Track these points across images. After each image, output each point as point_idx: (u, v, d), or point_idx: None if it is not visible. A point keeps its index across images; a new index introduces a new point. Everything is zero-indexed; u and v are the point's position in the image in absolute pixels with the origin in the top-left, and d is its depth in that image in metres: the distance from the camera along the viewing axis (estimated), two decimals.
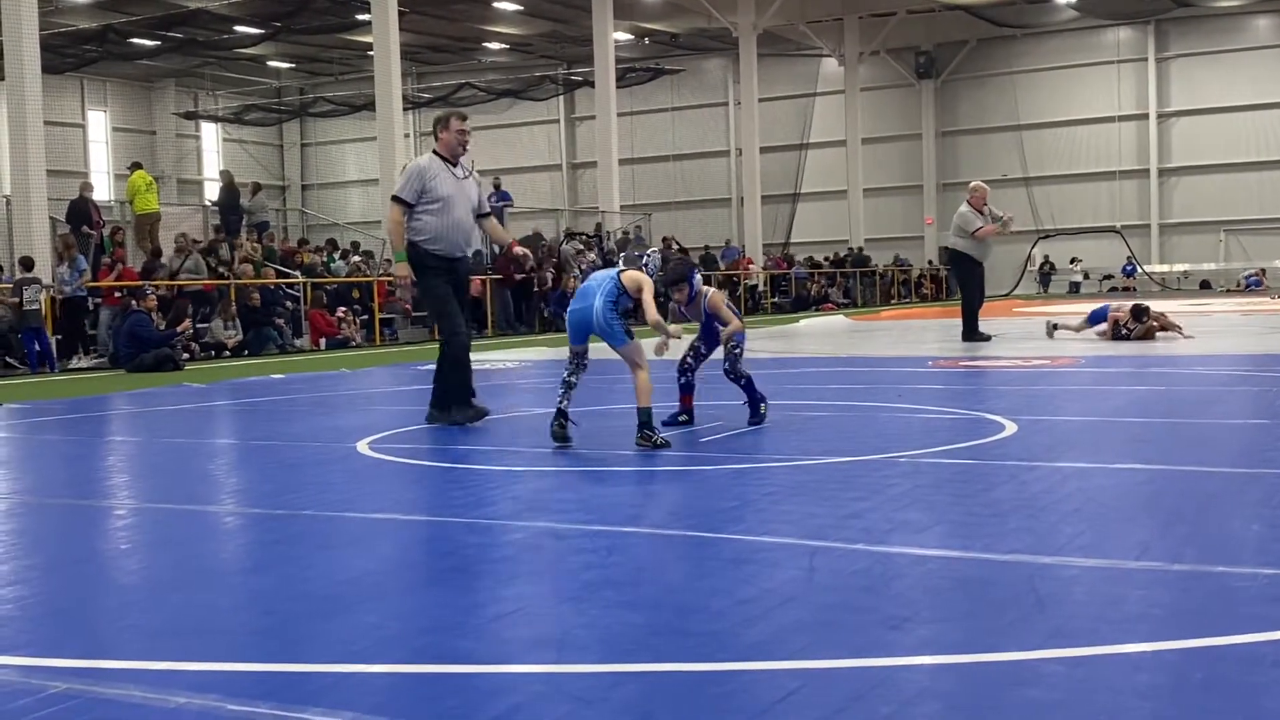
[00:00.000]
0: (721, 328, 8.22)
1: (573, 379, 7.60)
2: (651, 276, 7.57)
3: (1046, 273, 44.57)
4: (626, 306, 7.42)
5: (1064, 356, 13.42)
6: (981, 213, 16.00)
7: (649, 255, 7.94)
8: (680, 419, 8.25)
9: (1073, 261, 43.80)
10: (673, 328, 7.51)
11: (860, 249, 41.32)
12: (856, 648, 3.32)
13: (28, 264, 18.13)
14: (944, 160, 45.74)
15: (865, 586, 3.94)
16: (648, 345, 7.57)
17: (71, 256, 18.51)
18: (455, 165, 8.83)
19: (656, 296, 7.50)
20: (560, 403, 7.47)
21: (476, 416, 8.78)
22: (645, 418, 7.16)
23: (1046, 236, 43.98)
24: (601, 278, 7.56)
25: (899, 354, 15.33)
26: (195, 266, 21.18)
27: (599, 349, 7.64)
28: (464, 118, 9.04)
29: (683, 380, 8.36)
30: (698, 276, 8.22)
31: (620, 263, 8.17)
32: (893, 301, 39.50)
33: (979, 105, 45.23)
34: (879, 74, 45.26)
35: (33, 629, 3.86)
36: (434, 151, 8.89)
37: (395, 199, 8.70)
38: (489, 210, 9.27)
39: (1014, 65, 44.39)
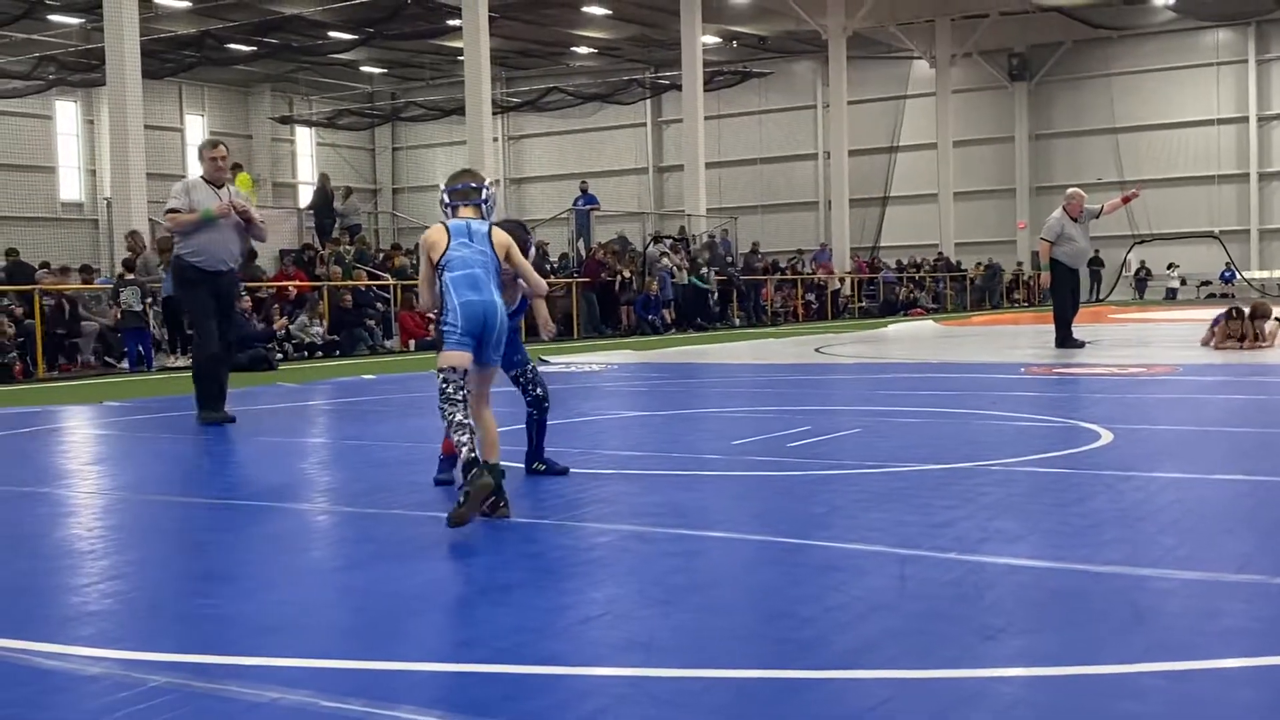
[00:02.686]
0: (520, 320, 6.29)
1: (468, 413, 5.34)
2: (488, 217, 5.67)
3: (1142, 278, 43.71)
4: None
5: (1160, 364, 13.14)
6: (1076, 220, 15.74)
7: (489, 186, 5.72)
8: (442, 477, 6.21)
9: (1169, 267, 42.91)
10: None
11: (943, 256, 40.84)
12: (949, 658, 3.27)
13: (129, 265, 18.56)
14: (1037, 164, 45.03)
15: (957, 596, 3.88)
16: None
17: (169, 259, 18.87)
18: (219, 188, 9.60)
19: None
20: (467, 448, 5.20)
21: (221, 420, 9.47)
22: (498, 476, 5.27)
23: (1143, 241, 43.11)
24: (473, 250, 5.37)
25: (990, 360, 15.12)
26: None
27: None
28: (215, 145, 9.73)
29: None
30: (532, 248, 6.21)
31: (450, 205, 5.57)
32: (984, 307, 38.99)
33: (1074, 108, 44.46)
34: (971, 76, 44.70)
35: (132, 624, 3.94)
36: (201, 175, 9.76)
37: (168, 211, 9.57)
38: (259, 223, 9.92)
39: (1110, 67, 43.59)
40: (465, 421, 5.27)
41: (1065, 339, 15.90)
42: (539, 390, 6.34)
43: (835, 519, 5.23)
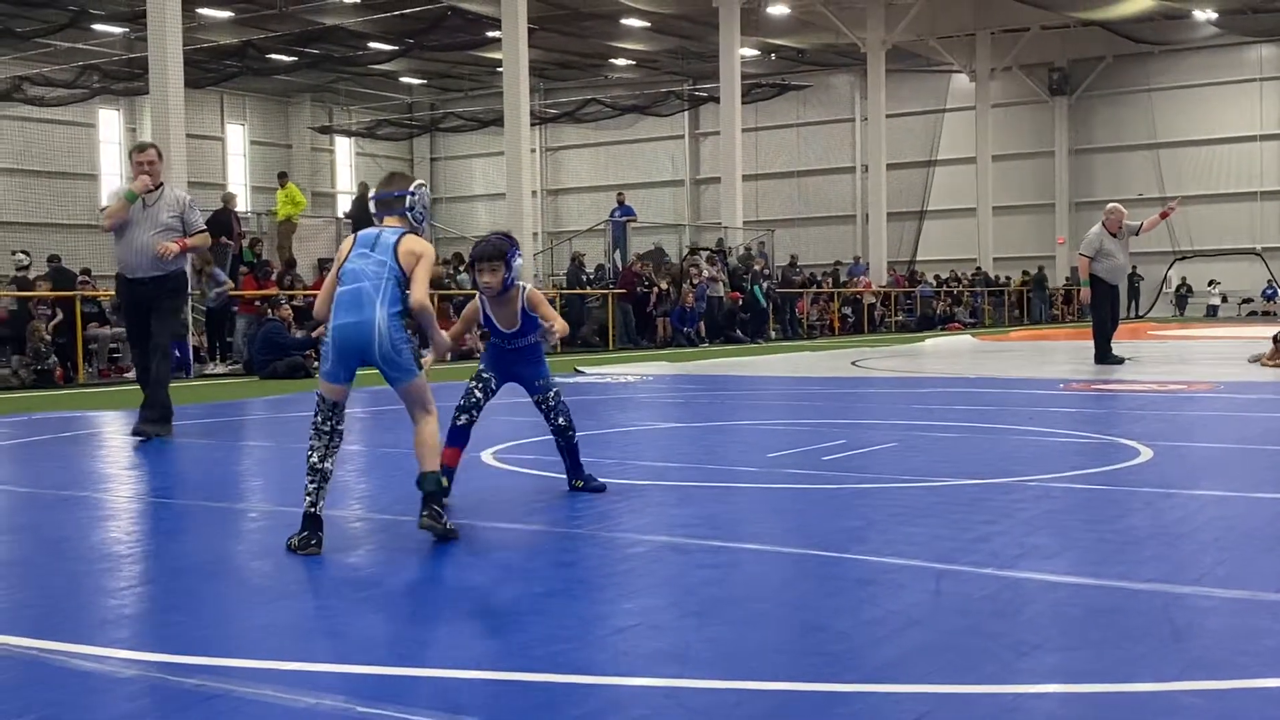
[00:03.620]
0: (537, 338, 5.99)
1: (328, 455, 4.98)
2: (419, 224, 5.23)
3: (1183, 295, 43.33)
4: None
5: (1200, 381, 13.02)
6: (1115, 235, 15.64)
7: (414, 191, 5.30)
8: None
9: (1210, 284, 42.53)
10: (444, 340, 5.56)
11: (981, 271, 40.63)
12: (985, 673, 3.25)
13: None
14: (1077, 179, 44.76)
15: (994, 611, 3.85)
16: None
17: (209, 272, 18.95)
18: (152, 192, 9.05)
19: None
20: (309, 498, 4.90)
21: (144, 434, 8.94)
22: (435, 485, 5.04)
23: (1183, 258, 42.76)
24: (370, 262, 4.94)
25: (1028, 375, 15.02)
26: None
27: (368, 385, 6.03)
28: (142, 149, 9.19)
29: (461, 421, 5.99)
30: (519, 260, 5.83)
31: (376, 216, 5.22)
32: (1023, 322, 38.76)
33: (1114, 123, 44.18)
34: (1011, 90, 44.50)
35: (167, 627, 3.97)
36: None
37: (101, 209, 9.53)
38: (196, 230, 9.26)
39: (1151, 82, 43.29)
40: (319, 466, 4.86)
41: (1104, 355, 15.79)
42: (560, 420, 6.12)
43: (871, 533, 5.21)
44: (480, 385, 6.06)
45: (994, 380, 14.44)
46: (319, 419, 4.94)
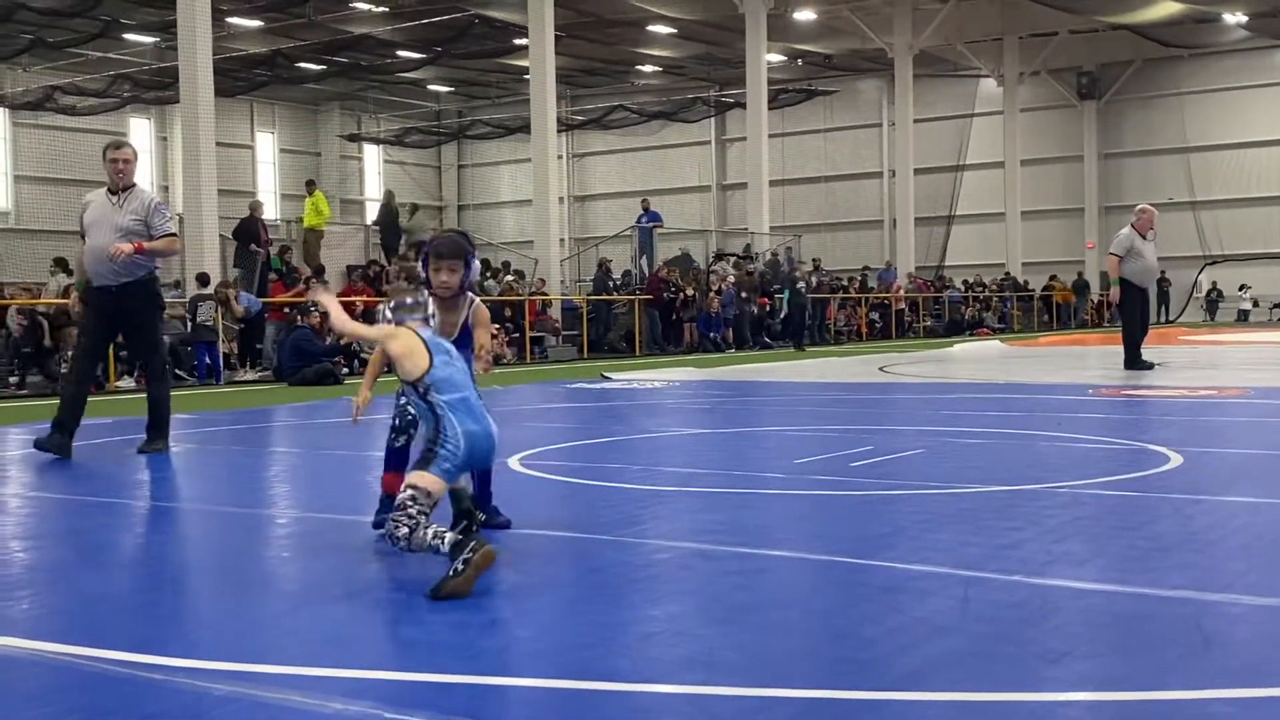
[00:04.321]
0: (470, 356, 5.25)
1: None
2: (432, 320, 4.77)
3: (1214, 300, 43.01)
4: None
5: (1231, 387, 12.92)
6: (1145, 237, 15.54)
7: (425, 301, 4.77)
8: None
9: (1241, 289, 42.20)
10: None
11: (1010, 275, 40.44)
12: (1013, 681, 3.23)
13: (203, 280, 18.85)
14: (1106, 183, 44.52)
15: (1022, 619, 3.83)
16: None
17: (235, 297, 18.91)
18: (119, 193, 8.41)
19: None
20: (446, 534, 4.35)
21: (54, 447, 8.33)
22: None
23: (1214, 262, 42.45)
24: (459, 371, 4.60)
25: (1057, 381, 14.94)
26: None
27: None
28: (118, 146, 8.54)
29: (399, 443, 5.49)
30: (476, 264, 5.48)
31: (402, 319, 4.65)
32: (1053, 327, 38.57)
33: (1144, 127, 43.93)
34: (1039, 94, 44.32)
35: (197, 632, 4.00)
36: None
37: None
38: (162, 234, 8.47)
39: (1181, 86, 43.03)
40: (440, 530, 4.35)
41: (1134, 360, 15.68)
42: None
43: (898, 539, 5.19)
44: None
45: (1023, 386, 14.36)
46: (416, 512, 4.35)
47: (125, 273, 8.34)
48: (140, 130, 38.96)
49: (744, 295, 27.88)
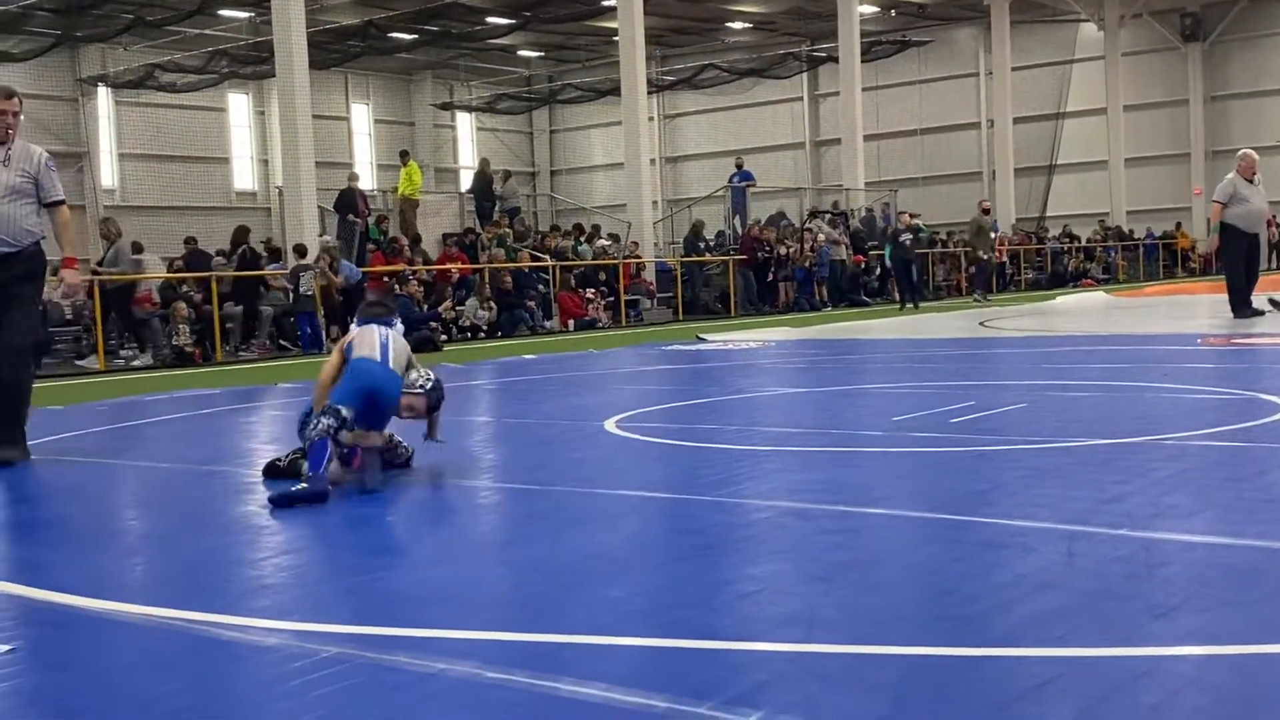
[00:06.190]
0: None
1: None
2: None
3: None
4: None
5: None
6: (1251, 181, 15.08)
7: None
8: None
9: None
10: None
11: (1114, 225, 39.50)
12: (1119, 636, 3.18)
13: (301, 251, 19.17)
14: (1213, 127, 43.18)
15: (1128, 574, 3.77)
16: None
17: (336, 268, 19.04)
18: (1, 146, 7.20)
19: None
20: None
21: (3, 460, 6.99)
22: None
23: None
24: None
25: (1164, 331, 14.60)
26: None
27: None
28: (9, 94, 7.36)
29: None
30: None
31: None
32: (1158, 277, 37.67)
33: (1252, 68, 42.48)
34: (1141, 38, 43.07)
35: (305, 596, 4.09)
36: None
37: None
38: (54, 199, 7.37)
39: None
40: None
41: (1240, 307, 15.22)
42: None
43: (1000, 495, 5.13)
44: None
45: (1128, 337, 14.06)
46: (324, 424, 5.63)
47: (10, 241, 7.11)
48: (239, 105, 39.59)
49: (842, 252, 27.57)
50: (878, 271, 28.79)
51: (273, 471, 6.09)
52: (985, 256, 26.90)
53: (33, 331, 7.48)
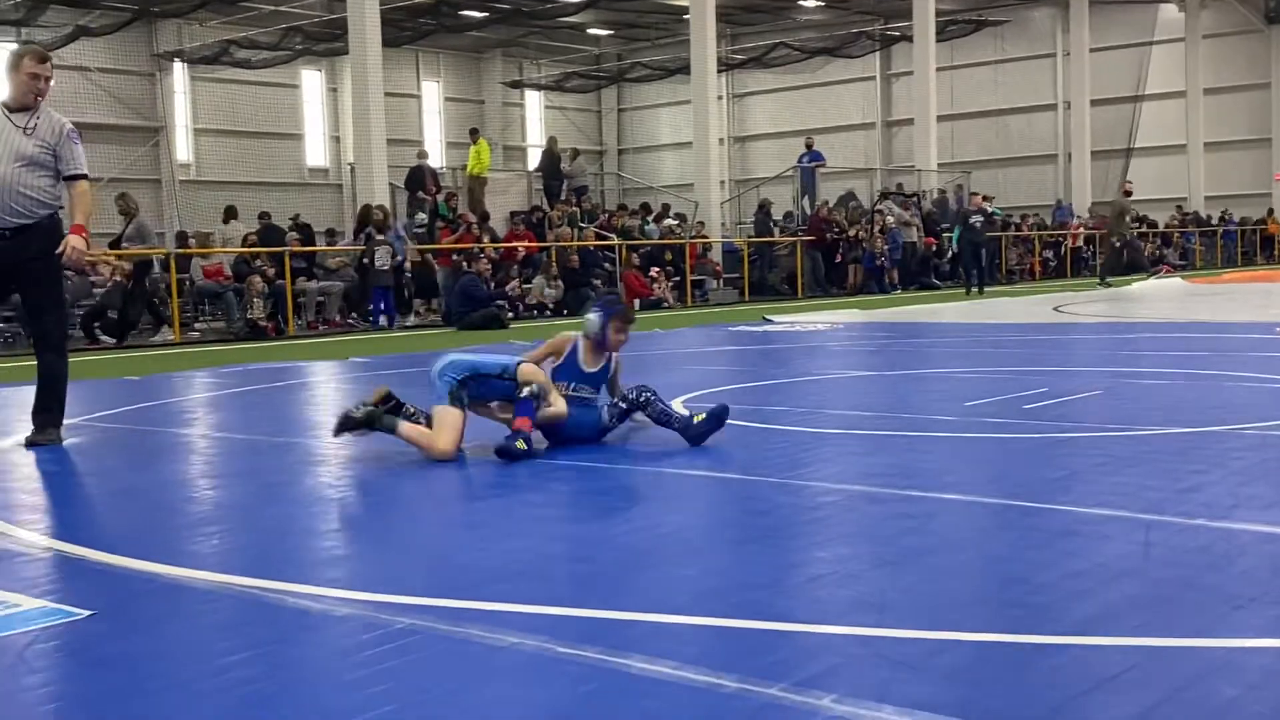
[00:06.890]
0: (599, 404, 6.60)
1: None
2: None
3: None
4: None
5: None
6: None
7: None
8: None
9: None
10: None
11: (1192, 210, 38.76)
12: (1197, 627, 3.13)
13: (379, 228, 19.31)
14: None
15: (1206, 564, 3.70)
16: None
17: (386, 225, 19.10)
18: (22, 113, 6.75)
19: None
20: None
21: (39, 441, 6.84)
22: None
23: None
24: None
25: (1243, 319, 14.32)
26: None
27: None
28: (43, 58, 6.84)
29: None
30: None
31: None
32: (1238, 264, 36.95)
33: None
34: (1223, 19, 42.15)
35: (379, 568, 4.13)
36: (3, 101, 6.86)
37: None
38: (73, 172, 6.86)
39: None
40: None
41: None
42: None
43: (1075, 483, 5.06)
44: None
45: (1206, 324, 13.81)
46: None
47: (24, 213, 6.72)
48: (312, 82, 39.93)
49: (913, 234, 27.28)
50: (949, 254, 28.49)
51: (348, 423, 6.11)
52: (1118, 243, 26.40)
53: (64, 320, 7.21)
